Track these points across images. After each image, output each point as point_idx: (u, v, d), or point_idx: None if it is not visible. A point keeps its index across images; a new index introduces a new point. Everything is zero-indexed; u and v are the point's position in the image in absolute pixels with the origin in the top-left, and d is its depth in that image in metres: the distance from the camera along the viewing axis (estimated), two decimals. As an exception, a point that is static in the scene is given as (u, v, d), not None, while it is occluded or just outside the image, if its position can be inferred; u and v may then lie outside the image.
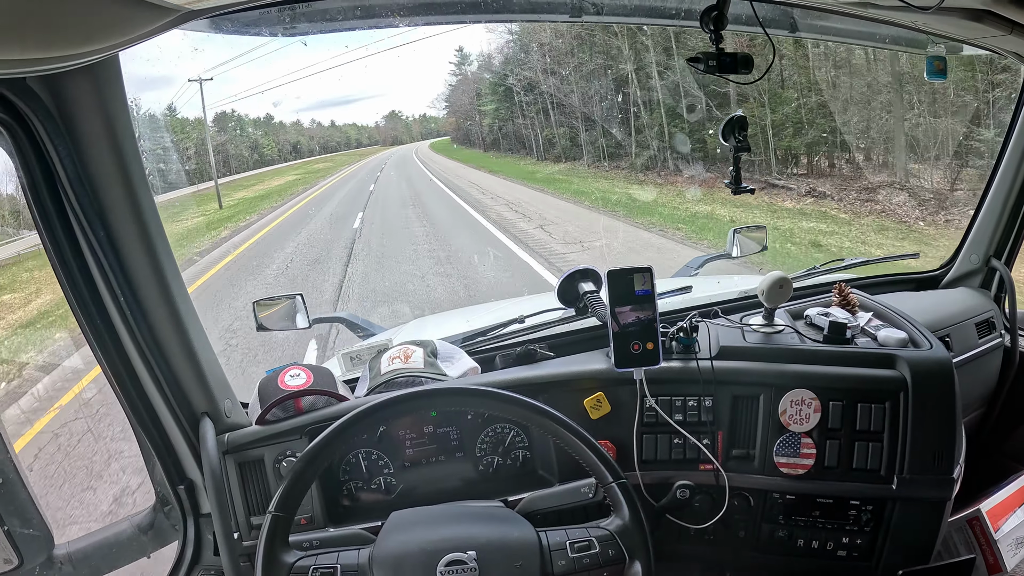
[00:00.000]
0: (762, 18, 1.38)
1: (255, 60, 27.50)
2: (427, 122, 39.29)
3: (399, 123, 39.90)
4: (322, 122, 37.76)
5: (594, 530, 1.01)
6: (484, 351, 1.46)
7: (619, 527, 1.01)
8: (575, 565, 0.97)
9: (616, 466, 1.03)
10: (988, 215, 1.67)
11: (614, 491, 1.02)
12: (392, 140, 39.18)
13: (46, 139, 0.93)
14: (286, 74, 44.01)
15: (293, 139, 33.16)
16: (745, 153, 1.30)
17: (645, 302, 1.23)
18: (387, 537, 1.01)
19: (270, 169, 26.74)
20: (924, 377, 1.21)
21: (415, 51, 41.20)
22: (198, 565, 1.23)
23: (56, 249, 1.01)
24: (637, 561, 0.99)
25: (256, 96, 30.80)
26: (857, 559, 1.28)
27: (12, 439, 1.15)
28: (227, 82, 30.18)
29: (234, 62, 28.72)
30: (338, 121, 38.88)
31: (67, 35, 0.71)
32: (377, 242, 9.67)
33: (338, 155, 35.68)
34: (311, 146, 34.57)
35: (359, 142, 39.14)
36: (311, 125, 36.22)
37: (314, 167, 28.68)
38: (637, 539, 1.00)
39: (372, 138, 39.17)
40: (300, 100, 45.03)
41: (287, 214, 14.44)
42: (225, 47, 36.29)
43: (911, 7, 1.12)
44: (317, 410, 1.24)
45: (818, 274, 1.68)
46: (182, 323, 1.10)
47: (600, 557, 0.98)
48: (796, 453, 1.24)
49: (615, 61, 13.42)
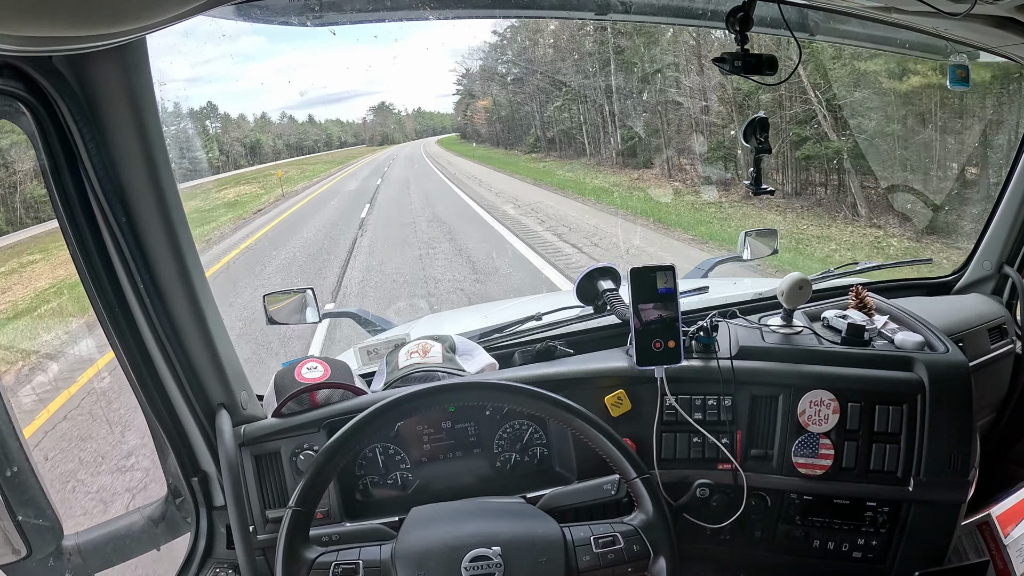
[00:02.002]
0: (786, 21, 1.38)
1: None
2: (424, 118, 34.45)
3: (390, 118, 33.82)
4: (295, 116, 30.20)
5: (618, 525, 1.01)
6: (502, 347, 1.45)
7: (643, 522, 1.01)
8: (600, 561, 0.97)
9: (640, 461, 1.03)
10: (1001, 222, 1.69)
11: (638, 486, 1.02)
12: (381, 138, 32.94)
13: (70, 120, 0.91)
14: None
15: (253, 138, 25.43)
16: (766, 155, 1.30)
17: (667, 300, 1.22)
18: (409, 532, 1.00)
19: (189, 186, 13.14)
20: (941, 380, 1.22)
21: (411, 39, 36.63)
22: (211, 558, 1.21)
23: (75, 232, 0.99)
24: (662, 556, 0.98)
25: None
26: (872, 560, 1.28)
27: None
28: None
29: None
30: (318, 116, 31.43)
31: (96, 14, 0.70)
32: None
33: (313, 158, 27.72)
34: (277, 146, 27.19)
35: (343, 141, 32.36)
36: (281, 120, 28.73)
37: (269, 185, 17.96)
38: (662, 534, 1.00)
39: (359, 136, 32.84)
40: (279, 94, 39.10)
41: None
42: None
43: (940, 12, 1.12)
44: (334, 403, 1.22)
45: (832, 277, 1.68)
46: (201, 312, 1.09)
47: (625, 552, 0.98)
48: (814, 454, 1.24)
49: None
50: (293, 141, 28.83)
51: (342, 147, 31.79)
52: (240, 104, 30.00)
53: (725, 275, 2.19)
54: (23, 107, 0.89)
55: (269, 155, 26.28)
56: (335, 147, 31.59)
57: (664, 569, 0.98)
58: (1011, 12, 1.14)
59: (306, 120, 30.53)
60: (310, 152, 29.56)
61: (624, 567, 0.97)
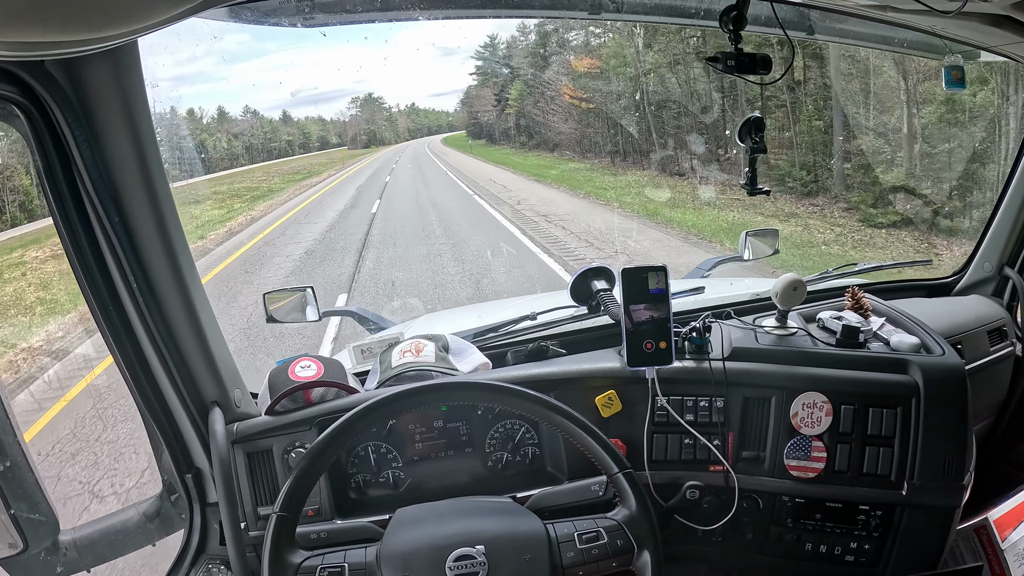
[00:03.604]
0: (780, 19, 1.38)
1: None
2: (419, 115, 30.32)
3: (379, 113, 28.31)
4: (260, 111, 24.29)
5: (602, 521, 1.02)
6: (496, 347, 1.46)
7: (626, 517, 1.01)
8: (584, 556, 0.97)
9: (622, 457, 1.04)
10: (1002, 223, 1.67)
11: (620, 481, 1.02)
12: (367, 139, 26.95)
13: (63, 123, 0.93)
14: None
15: (210, 139, 20.73)
16: (762, 154, 1.30)
17: (659, 301, 1.22)
18: (394, 534, 1.00)
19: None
20: (937, 383, 1.21)
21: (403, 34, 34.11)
22: (204, 554, 1.22)
23: (70, 234, 1.01)
24: (646, 550, 0.99)
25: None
26: (865, 564, 1.27)
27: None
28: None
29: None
30: (295, 114, 26.32)
31: (88, 18, 0.71)
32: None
33: (273, 166, 21.79)
34: (233, 149, 21.83)
35: (325, 141, 26.92)
36: (242, 115, 23.07)
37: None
38: (645, 529, 1.00)
39: (343, 136, 27.63)
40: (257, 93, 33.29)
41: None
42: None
43: (933, 11, 1.11)
44: (327, 402, 1.23)
45: (831, 278, 1.67)
46: (195, 311, 1.10)
47: (609, 548, 0.98)
48: (807, 456, 1.24)
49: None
50: (257, 142, 23.25)
51: (323, 148, 26.70)
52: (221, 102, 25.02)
53: (725, 275, 2.18)
54: (17, 110, 0.91)
55: (224, 161, 20.69)
56: (312, 149, 26.31)
57: (648, 563, 0.98)
58: (1007, 10, 1.12)
59: (281, 117, 25.35)
60: (280, 156, 24.01)
61: (608, 562, 0.98)
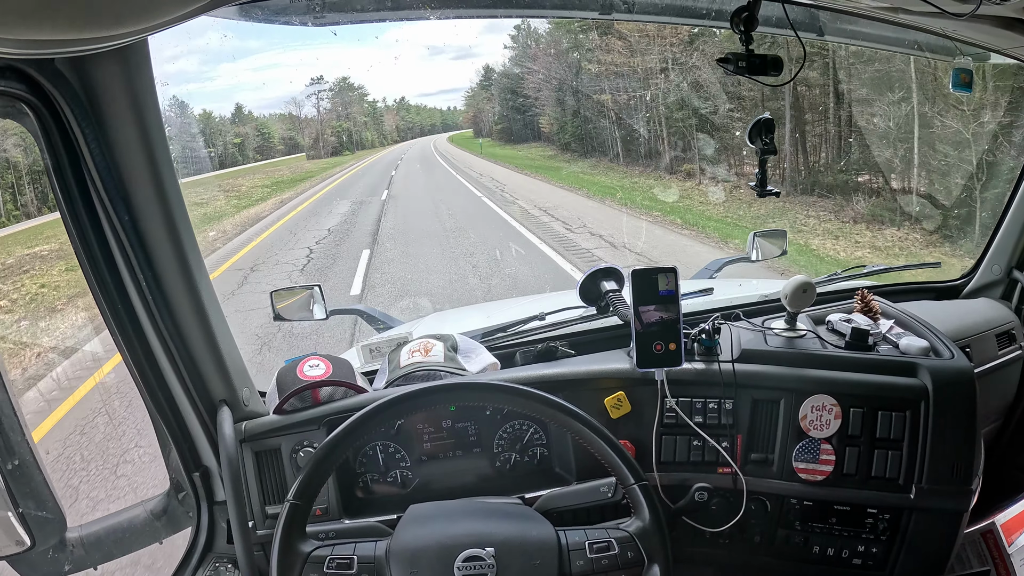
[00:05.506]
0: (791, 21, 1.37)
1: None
2: (409, 112, 25.99)
3: (357, 106, 22.72)
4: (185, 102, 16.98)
5: (613, 531, 1.01)
6: (504, 347, 1.45)
7: (639, 529, 1.00)
8: (593, 566, 0.97)
9: (638, 467, 1.03)
10: (1011, 226, 1.66)
11: (635, 493, 1.01)
12: (335, 144, 20.73)
13: (72, 121, 0.92)
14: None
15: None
16: (772, 156, 1.29)
17: (669, 302, 1.22)
18: (404, 530, 1.00)
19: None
20: (945, 387, 1.20)
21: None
22: (211, 552, 1.22)
23: (79, 231, 1.01)
24: (656, 564, 0.98)
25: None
26: (872, 568, 1.27)
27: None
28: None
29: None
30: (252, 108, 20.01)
31: (98, 17, 0.71)
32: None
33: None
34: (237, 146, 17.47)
35: (295, 144, 20.76)
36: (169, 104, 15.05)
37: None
38: (656, 542, 0.99)
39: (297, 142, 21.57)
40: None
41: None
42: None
43: (945, 13, 1.11)
44: (335, 401, 1.23)
45: (839, 280, 1.67)
46: (203, 309, 1.10)
47: (619, 559, 0.98)
48: (815, 459, 1.23)
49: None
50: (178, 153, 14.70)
51: (287, 154, 19.83)
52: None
53: (733, 276, 2.17)
54: (26, 108, 0.91)
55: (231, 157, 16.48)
56: (276, 155, 19.58)
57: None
58: (1019, 13, 1.12)
59: (234, 113, 18.77)
60: (222, 167, 17.73)
61: (618, 573, 0.97)
